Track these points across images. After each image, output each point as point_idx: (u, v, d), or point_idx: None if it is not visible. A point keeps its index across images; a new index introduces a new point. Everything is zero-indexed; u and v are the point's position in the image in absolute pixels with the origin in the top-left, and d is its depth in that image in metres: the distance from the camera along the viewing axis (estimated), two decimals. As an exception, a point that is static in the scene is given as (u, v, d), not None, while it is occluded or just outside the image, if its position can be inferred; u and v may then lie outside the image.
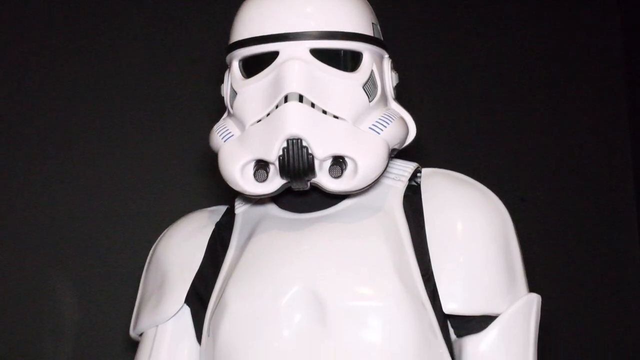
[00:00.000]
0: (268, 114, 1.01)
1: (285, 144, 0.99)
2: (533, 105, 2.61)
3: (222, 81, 1.13)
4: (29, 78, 2.16)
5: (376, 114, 1.05)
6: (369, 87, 1.06)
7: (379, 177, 1.03)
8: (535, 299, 1.07)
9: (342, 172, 1.00)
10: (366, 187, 1.02)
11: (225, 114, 1.13)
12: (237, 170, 1.02)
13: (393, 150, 1.08)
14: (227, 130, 1.07)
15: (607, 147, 2.66)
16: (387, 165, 1.04)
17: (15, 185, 2.12)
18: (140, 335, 1.18)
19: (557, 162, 2.60)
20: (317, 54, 1.03)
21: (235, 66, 1.08)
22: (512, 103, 2.59)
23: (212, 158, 1.09)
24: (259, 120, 1.03)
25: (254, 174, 1.02)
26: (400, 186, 1.10)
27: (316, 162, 1.00)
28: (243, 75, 1.07)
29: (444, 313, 1.04)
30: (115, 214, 2.17)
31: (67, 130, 2.17)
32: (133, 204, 2.18)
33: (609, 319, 2.58)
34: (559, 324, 2.28)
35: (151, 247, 1.23)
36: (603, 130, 2.66)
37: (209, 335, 1.08)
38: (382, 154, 1.01)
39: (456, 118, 2.51)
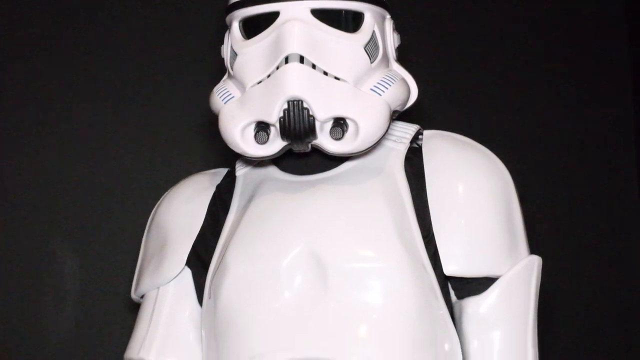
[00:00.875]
0: (269, 75, 1.01)
1: (286, 106, 0.98)
2: (536, 72, 2.60)
3: (222, 42, 1.12)
4: (28, 43, 2.14)
5: (378, 75, 1.04)
6: (371, 48, 1.05)
7: (381, 139, 1.03)
8: (536, 260, 1.07)
9: (343, 134, 1.00)
10: (367, 149, 1.02)
11: (226, 76, 1.12)
12: (237, 132, 1.02)
13: (394, 112, 1.07)
14: (227, 91, 1.07)
15: (609, 114, 2.65)
16: (388, 127, 1.03)
17: (14, 150, 2.11)
18: (142, 297, 1.18)
19: (559, 130, 2.60)
20: (318, 14, 1.02)
21: (235, 27, 1.07)
22: (514, 68, 2.58)
23: (212, 120, 1.09)
24: (260, 82, 1.02)
25: (255, 136, 1.01)
26: (402, 148, 1.10)
27: (317, 124, 0.99)
28: (243, 36, 1.07)
29: (444, 275, 1.04)
30: (116, 177, 2.16)
31: (66, 95, 2.15)
32: (133, 167, 2.17)
33: (609, 282, 2.60)
34: (559, 286, 2.29)
35: (152, 210, 1.23)
36: (605, 97, 2.65)
37: (210, 297, 1.09)
38: (383, 116, 1.01)
39: (458, 80, 2.50)
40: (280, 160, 1.11)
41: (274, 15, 1.02)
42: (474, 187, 1.06)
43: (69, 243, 2.13)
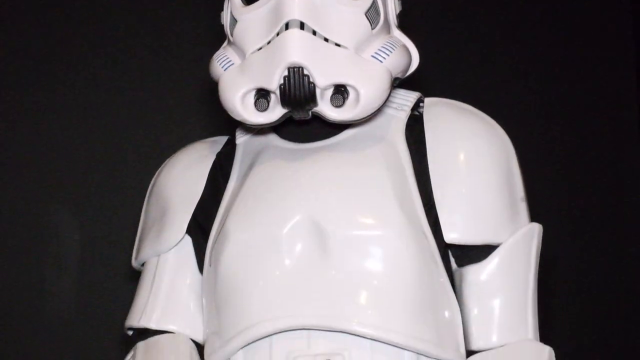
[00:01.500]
0: (269, 42, 0.99)
1: (286, 73, 0.97)
2: (538, 45, 2.59)
3: (222, 9, 1.11)
4: (30, 8, 2.13)
5: (379, 42, 1.03)
6: (372, 14, 1.03)
7: (381, 106, 1.02)
8: (536, 228, 1.07)
9: (343, 101, 0.99)
10: (368, 116, 1.01)
11: (225, 43, 1.11)
12: (237, 99, 1.01)
13: (396, 79, 1.06)
14: (227, 58, 1.06)
15: (612, 82, 2.64)
16: (389, 95, 1.02)
17: (16, 117, 2.11)
18: (142, 265, 1.18)
19: (562, 100, 2.59)
20: None
21: (235, -7, 1.06)
22: (515, 36, 2.57)
23: (212, 88, 1.08)
24: (260, 48, 1.01)
25: (255, 103, 1.01)
26: (403, 116, 1.09)
27: (317, 91, 0.98)
28: (243, 2, 1.05)
29: (445, 242, 1.04)
30: (116, 145, 2.16)
31: (67, 65, 2.15)
32: (134, 135, 2.17)
33: (610, 250, 2.60)
34: (559, 255, 2.30)
35: (152, 178, 1.22)
36: (607, 66, 2.65)
37: (210, 265, 1.08)
38: (384, 83, 1.00)
39: (460, 47, 2.48)
40: (281, 128, 1.10)
41: None
42: (476, 154, 1.05)
43: (69, 211, 2.13)
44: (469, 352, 1.04)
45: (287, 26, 0.98)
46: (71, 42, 2.15)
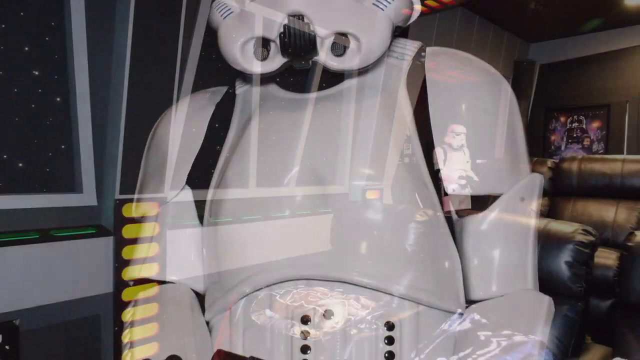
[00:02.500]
0: None
1: (286, 21, 0.95)
2: None
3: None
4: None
5: (380, -11, 1.02)
6: None
7: (382, 55, 1.00)
8: (537, 179, 1.06)
9: (344, 50, 0.97)
10: (369, 65, 1.00)
11: (225, -10, 1.09)
12: (237, 48, 0.99)
13: (397, 27, 1.04)
14: (226, 6, 1.03)
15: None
16: (390, 44, 1.01)
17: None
18: (142, 217, 1.18)
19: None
20: None
21: (234, -61, 1.04)
22: None
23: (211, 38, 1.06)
24: None
25: (255, 52, 0.99)
26: (404, 65, 1.07)
27: (318, 40, 0.96)
28: (242, -51, 1.03)
29: (446, 193, 1.03)
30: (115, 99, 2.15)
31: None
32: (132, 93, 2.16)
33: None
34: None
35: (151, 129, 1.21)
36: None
37: (210, 216, 1.08)
38: (385, 31, 0.98)
39: None
40: (281, 78, 1.09)
41: None
42: (477, 106, 1.04)
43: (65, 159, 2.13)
44: (469, 302, 1.04)
45: None
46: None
